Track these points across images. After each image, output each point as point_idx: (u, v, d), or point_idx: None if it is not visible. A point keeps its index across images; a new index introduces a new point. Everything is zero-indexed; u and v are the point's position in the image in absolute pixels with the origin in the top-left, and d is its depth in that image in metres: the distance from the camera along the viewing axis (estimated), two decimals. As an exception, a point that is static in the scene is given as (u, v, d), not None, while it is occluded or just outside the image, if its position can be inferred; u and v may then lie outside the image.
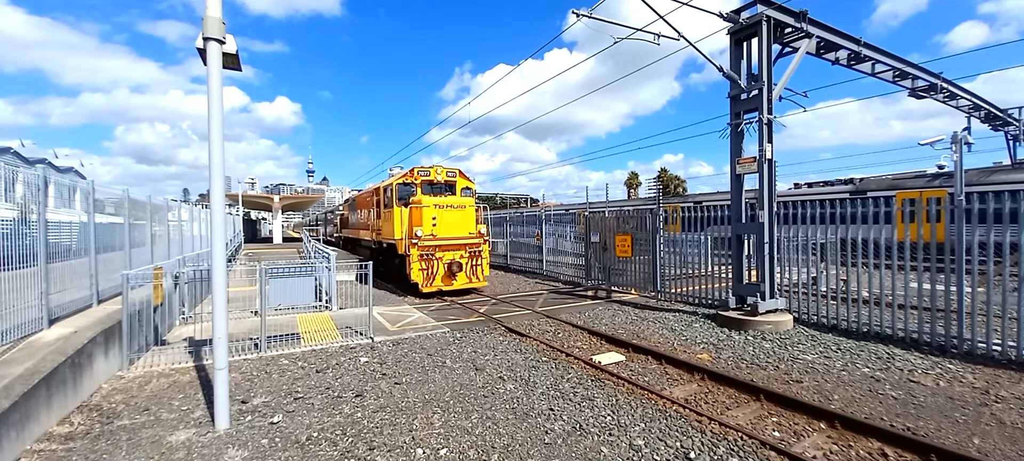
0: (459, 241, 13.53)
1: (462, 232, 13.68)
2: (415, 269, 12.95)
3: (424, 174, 14.98)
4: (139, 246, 9.58)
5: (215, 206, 4.74)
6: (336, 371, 6.63)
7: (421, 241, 12.86)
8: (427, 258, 13.00)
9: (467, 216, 13.93)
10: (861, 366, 6.59)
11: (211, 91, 4.62)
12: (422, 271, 13.01)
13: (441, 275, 13.19)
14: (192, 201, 41.50)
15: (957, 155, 15.12)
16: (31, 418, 4.41)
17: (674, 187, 57.70)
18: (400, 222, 14.04)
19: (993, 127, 18.77)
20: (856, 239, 8.31)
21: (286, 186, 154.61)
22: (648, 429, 4.73)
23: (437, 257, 13.11)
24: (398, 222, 14.14)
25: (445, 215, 13.49)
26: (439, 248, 13.18)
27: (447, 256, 13.35)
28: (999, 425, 4.77)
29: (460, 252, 13.52)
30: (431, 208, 13.30)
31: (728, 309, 9.54)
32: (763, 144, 8.84)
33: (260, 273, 8.34)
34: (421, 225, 13.02)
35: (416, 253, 12.89)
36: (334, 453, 4.33)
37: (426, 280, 13.03)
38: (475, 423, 4.95)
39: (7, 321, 5.29)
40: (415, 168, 15.12)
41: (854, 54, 10.43)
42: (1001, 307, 6.62)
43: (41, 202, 5.88)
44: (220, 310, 4.78)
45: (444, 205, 13.59)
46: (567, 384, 6.07)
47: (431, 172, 15.16)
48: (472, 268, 13.73)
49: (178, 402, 5.50)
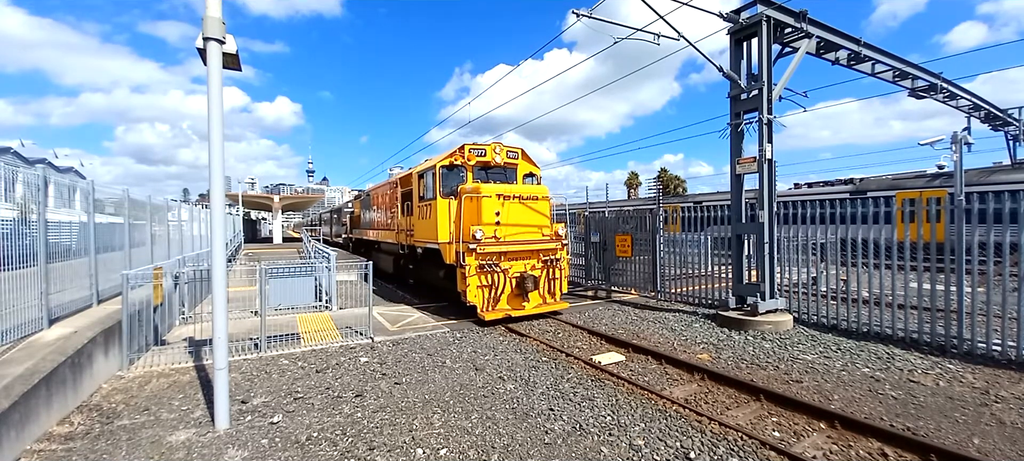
0: (531, 246, 9.92)
1: (534, 233, 10.13)
2: (472, 286, 9.26)
3: (478, 154, 11.03)
4: (139, 246, 9.58)
5: (215, 206, 4.74)
6: (336, 371, 6.63)
7: (482, 246, 9.21)
8: (489, 270, 9.33)
9: (540, 212, 10.35)
10: (861, 366, 6.59)
11: (211, 91, 4.62)
12: (483, 289, 9.37)
13: (507, 294, 9.63)
14: (192, 201, 41.53)
15: (957, 155, 15.13)
16: (31, 418, 4.41)
17: (674, 187, 57.70)
18: (445, 219, 10.36)
19: (993, 127, 18.78)
20: (856, 239, 8.31)
21: (286, 186, 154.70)
22: (648, 429, 4.73)
23: (501, 268, 9.47)
24: (443, 219, 10.37)
25: (512, 209, 9.93)
26: (506, 256, 9.61)
27: (515, 267, 9.75)
28: (999, 425, 4.77)
29: (532, 261, 9.96)
30: (494, 199, 9.72)
31: (728, 309, 9.54)
32: (763, 144, 8.84)
33: (260, 273, 8.34)
34: (481, 223, 9.44)
35: (474, 263, 9.21)
36: (334, 453, 4.33)
37: (488, 301, 9.43)
38: (475, 423, 4.95)
39: (7, 321, 5.29)
40: (465, 146, 10.92)
41: (854, 54, 10.44)
42: (1001, 307, 6.62)
43: (41, 202, 5.88)
44: (220, 310, 4.78)
45: (510, 196, 9.96)
46: (567, 384, 6.07)
47: (487, 151, 11.16)
48: (548, 284, 10.13)
49: (178, 402, 5.50)
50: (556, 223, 10.68)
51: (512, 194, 10.05)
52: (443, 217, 10.41)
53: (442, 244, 10.26)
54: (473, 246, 9.16)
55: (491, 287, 9.41)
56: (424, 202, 11.42)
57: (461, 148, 10.98)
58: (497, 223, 9.64)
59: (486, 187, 9.87)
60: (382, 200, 16.91)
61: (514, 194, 10.09)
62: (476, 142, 11.28)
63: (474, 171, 11.06)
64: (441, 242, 10.30)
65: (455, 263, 9.62)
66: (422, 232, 11.65)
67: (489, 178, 11.02)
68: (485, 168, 11.25)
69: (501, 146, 11.41)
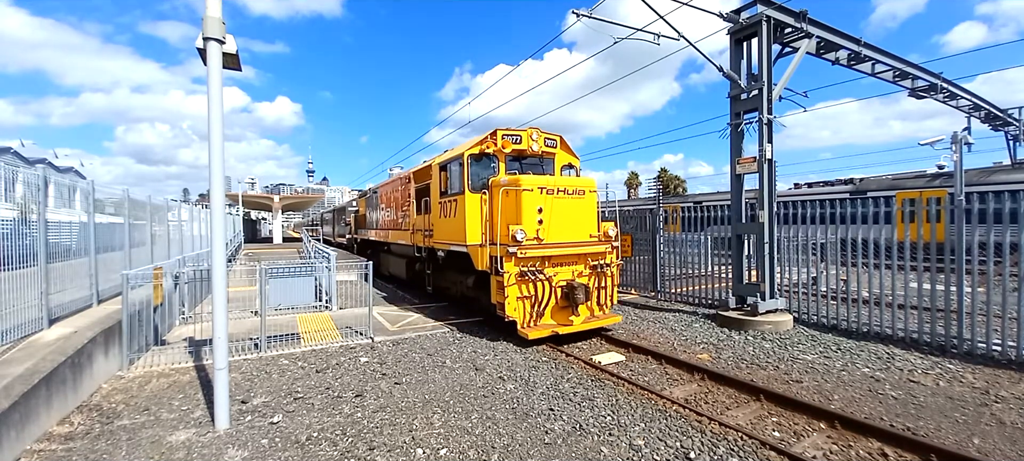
0: (578, 249, 8.42)
1: (581, 234, 8.56)
2: (511, 297, 7.75)
3: (512, 139, 9.43)
4: (139, 246, 9.58)
5: (215, 206, 4.74)
6: (336, 371, 6.63)
7: (524, 249, 7.73)
8: (531, 278, 7.76)
9: (587, 209, 8.80)
10: (861, 366, 6.59)
11: (211, 91, 4.62)
12: (523, 301, 7.87)
13: (552, 307, 8.04)
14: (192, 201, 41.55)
15: (957, 155, 15.14)
16: (31, 418, 4.41)
17: (674, 187, 57.73)
18: (475, 217, 8.80)
19: (993, 127, 18.79)
20: (856, 239, 8.31)
21: (286, 186, 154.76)
22: (648, 429, 4.73)
23: (545, 276, 7.86)
24: (472, 217, 8.81)
25: (557, 206, 8.33)
26: (550, 261, 8.11)
27: (561, 274, 8.22)
28: (999, 425, 4.77)
29: (578, 266, 8.49)
30: (536, 194, 8.13)
31: (728, 309, 9.54)
32: (763, 144, 8.84)
33: (260, 273, 8.34)
34: (521, 222, 7.93)
35: (513, 269, 7.69)
36: (334, 453, 4.33)
37: (530, 315, 7.90)
38: (475, 423, 4.95)
39: (7, 321, 5.29)
40: (498, 131, 9.35)
41: (854, 54, 10.44)
42: (1001, 307, 6.62)
43: (41, 202, 5.88)
44: (220, 310, 4.78)
45: (554, 190, 8.34)
46: (567, 384, 6.07)
47: (523, 137, 9.54)
48: (596, 293, 8.61)
49: (178, 402, 5.50)
50: (605, 222, 9.05)
51: (556, 188, 8.39)
52: (473, 215, 8.81)
53: (471, 247, 8.68)
54: (513, 249, 7.63)
55: (533, 298, 7.88)
56: (447, 198, 9.87)
57: (492, 134, 9.30)
58: (540, 222, 8.08)
59: (526, 179, 8.21)
60: (392, 197, 15.19)
61: (558, 187, 8.42)
62: (509, 129, 9.49)
63: (507, 160, 9.48)
64: (470, 244, 8.71)
65: (489, 270, 8.17)
66: (445, 232, 10.02)
67: (523, 169, 9.43)
68: (519, 158, 9.62)
69: (539, 132, 9.65)
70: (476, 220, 8.79)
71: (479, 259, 8.46)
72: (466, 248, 8.85)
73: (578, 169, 10.43)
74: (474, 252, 8.61)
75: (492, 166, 9.40)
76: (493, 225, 8.27)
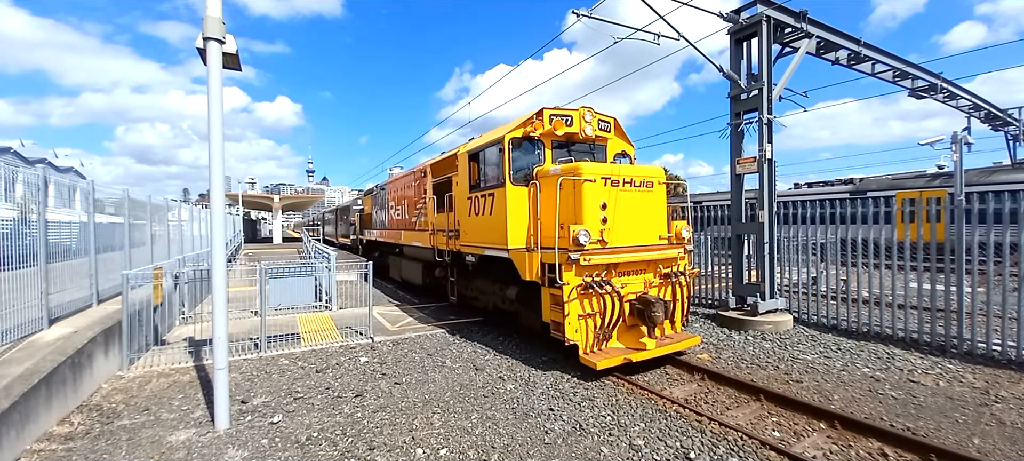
0: (648, 254, 6.89)
1: (649, 235, 7.07)
2: (572, 315, 6.25)
3: (564, 120, 7.79)
4: (139, 246, 9.58)
5: (215, 206, 4.74)
6: (336, 371, 6.63)
7: (587, 255, 6.23)
8: (596, 291, 6.31)
9: (656, 205, 7.22)
10: (861, 366, 6.59)
11: (211, 91, 4.62)
12: (587, 319, 6.35)
13: (619, 326, 6.54)
14: (192, 201, 41.56)
15: (957, 155, 15.14)
16: (31, 418, 4.41)
17: (674, 187, 57.68)
18: (519, 215, 7.35)
19: (993, 127, 18.79)
20: (856, 239, 8.31)
21: (286, 186, 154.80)
22: (648, 429, 4.73)
23: (612, 289, 6.36)
24: (515, 215, 7.37)
25: (623, 201, 6.78)
26: (617, 268, 6.65)
27: (631, 286, 6.74)
28: (999, 425, 4.77)
29: (647, 275, 6.99)
30: (599, 186, 6.61)
31: (728, 309, 9.54)
32: (763, 144, 8.84)
33: (260, 273, 8.34)
34: (582, 220, 6.45)
35: (574, 280, 6.26)
36: (334, 453, 4.33)
37: (596, 337, 6.35)
38: (475, 423, 4.95)
39: (7, 321, 5.29)
40: (544, 110, 7.67)
41: (854, 54, 10.44)
42: (1001, 307, 6.62)
43: (41, 202, 5.89)
44: (220, 310, 4.78)
45: (619, 181, 6.78)
46: (567, 384, 6.07)
47: (574, 118, 7.89)
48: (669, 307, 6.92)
49: (178, 402, 5.50)
50: (678, 221, 7.54)
51: (622, 178, 6.80)
52: (516, 212, 7.35)
53: (514, 251, 7.21)
54: (575, 255, 6.14)
55: (603, 316, 6.34)
56: (480, 192, 8.36)
57: (539, 113, 7.68)
58: (603, 221, 6.58)
59: (588, 167, 6.65)
60: (404, 194, 13.68)
61: (624, 178, 6.82)
62: (558, 107, 7.87)
63: (552, 145, 7.99)
64: (512, 249, 7.25)
65: (538, 280, 6.69)
66: (477, 233, 8.49)
67: (572, 156, 7.73)
68: (567, 143, 8.06)
69: (592, 112, 8.06)
70: (520, 218, 7.31)
71: (526, 267, 6.87)
72: (507, 253, 7.34)
73: (633, 158, 8.81)
74: (519, 258, 7.08)
75: (536, 153, 7.88)
76: (544, 224, 6.77)
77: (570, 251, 6.21)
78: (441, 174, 10.48)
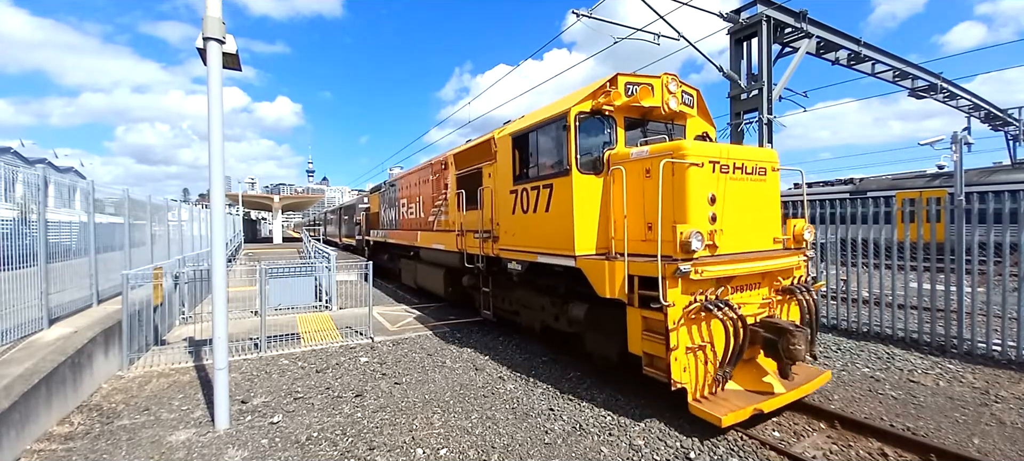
0: (764, 264, 5.31)
1: (764, 238, 5.64)
2: (681, 347, 4.68)
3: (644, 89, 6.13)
4: (139, 246, 9.59)
5: (215, 206, 4.74)
6: (336, 371, 6.63)
7: (700, 264, 4.76)
8: (710, 313, 4.82)
9: (771, 198, 5.76)
10: (861, 366, 6.59)
11: (211, 91, 4.63)
12: (697, 353, 4.84)
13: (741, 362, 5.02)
14: (192, 201, 41.56)
15: (957, 155, 15.14)
16: (31, 418, 4.41)
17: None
18: (588, 212, 5.89)
19: (993, 127, 18.81)
20: (856, 239, 8.31)
21: (286, 186, 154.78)
22: (648, 429, 4.73)
23: (731, 310, 4.81)
24: (583, 212, 5.88)
25: (733, 194, 5.30)
26: (731, 283, 5.12)
27: (747, 306, 5.15)
28: (999, 425, 4.77)
29: (764, 290, 5.50)
30: (707, 172, 5.09)
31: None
32: (763, 144, 8.84)
33: (260, 273, 8.34)
34: (688, 217, 4.94)
35: (682, 300, 4.72)
36: (334, 453, 4.33)
37: (713, 377, 4.91)
38: (475, 423, 4.95)
39: (7, 321, 5.29)
40: (619, 76, 6.01)
41: (854, 54, 10.46)
42: (1001, 307, 6.61)
43: (41, 202, 5.89)
44: (220, 310, 4.79)
45: (729, 165, 5.29)
46: (567, 384, 6.06)
47: (655, 87, 6.19)
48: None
49: (178, 402, 5.50)
50: (795, 219, 6.01)
51: (733, 162, 5.25)
52: (585, 208, 5.80)
53: (584, 259, 5.64)
54: (685, 266, 4.59)
55: (709, 348, 4.85)
56: (531, 183, 6.71)
57: (612, 80, 5.98)
58: (712, 218, 5.02)
59: (693, 147, 5.08)
60: (420, 190, 12.09)
61: (735, 162, 5.27)
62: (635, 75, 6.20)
63: (625, 122, 6.25)
64: (580, 254, 5.70)
65: (623, 298, 5.09)
66: (524, 235, 6.90)
67: (647, 137, 6.34)
68: (640, 122, 6.39)
69: (677, 81, 6.30)
70: (590, 216, 5.82)
71: (605, 280, 5.27)
72: (573, 261, 5.76)
73: (713, 137, 7.20)
74: (593, 269, 5.49)
75: (607, 132, 6.16)
76: (631, 224, 5.25)
77: (678, 260, 4.62)
78: (468, 165, 9.00)
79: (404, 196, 13.78)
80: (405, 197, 13.66)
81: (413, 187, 12.87)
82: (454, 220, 9.62)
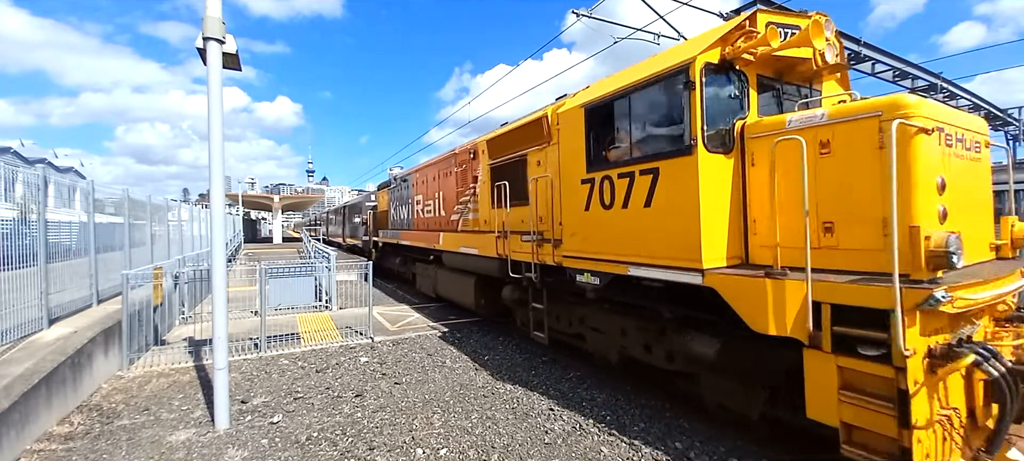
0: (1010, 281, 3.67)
1: (982, 245, 4.14)
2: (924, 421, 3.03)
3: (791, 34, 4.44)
4: (139, 246, 9.59)
5: (215, 206, 4.74)
6: (336, 371, 6.63)
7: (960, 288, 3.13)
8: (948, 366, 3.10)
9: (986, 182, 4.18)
10: (861, 366, 6.58)
11: (211, 91, 4.63)
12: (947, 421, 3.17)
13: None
14: (192, 201, 41.57)
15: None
16: (31, 418, 4.41)
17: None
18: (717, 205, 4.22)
19: (993, 127, 18.82)
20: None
21: (286, 186, 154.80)
22: (648, 429, 4.73)
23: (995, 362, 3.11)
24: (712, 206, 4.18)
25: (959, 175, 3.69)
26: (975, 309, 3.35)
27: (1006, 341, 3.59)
28: (999, 425, 4.76)
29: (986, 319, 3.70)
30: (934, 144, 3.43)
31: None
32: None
33: (260, 273, 8.34)
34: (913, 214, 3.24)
35: (920, 341, 3.06)
36: (334, 453, 4.33)
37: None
38: (475, 423, 4.95)
39: (7, 321, 5.29)
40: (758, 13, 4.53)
41: (854, 54, 10.46)
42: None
43: (41, 202, 5.89)
44: (220, 310, 4.79)
45: (952, 136, 3.67)
46: (567, 384, 6.07)
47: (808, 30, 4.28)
48: None
49: (178, 402, 5.50)
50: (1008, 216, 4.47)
51: (957, 131, 3.81)
52: (713, 201, 4.22)
53: (718, 274, 4.08)
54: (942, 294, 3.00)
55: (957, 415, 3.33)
56: (621, 168, 5.01)
57: (751, 18, 4.51)
58: (942, 214, 3.50)
59: (919, 105, 3.51)
60: (439, 185, 10.56)
61: (958, 132, 3.83)
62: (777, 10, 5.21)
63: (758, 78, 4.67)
64: (709, 268, 4.13)
65: (803, 339, 3.49)
66: (605, 237, 5.25)
67: (783, 101, 4.88)
68: (775, 79, 4.84)
69: (831, 24, 4.61)
70: (719, 212, 4.26)
71: (768, 308, 3.66)
72: (698, 275, 4.17)
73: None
74: (737, 289, 3.92)
75: (738, 95, 4.55)
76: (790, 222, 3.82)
77: (925, 282, 3.13)
78: (508, 152, 7.47)
79: (420, 192, 11.96)
80: (421, 194, 11.85)
81: (431, 182, 11.11)
82: (487, 218, 8.14)
